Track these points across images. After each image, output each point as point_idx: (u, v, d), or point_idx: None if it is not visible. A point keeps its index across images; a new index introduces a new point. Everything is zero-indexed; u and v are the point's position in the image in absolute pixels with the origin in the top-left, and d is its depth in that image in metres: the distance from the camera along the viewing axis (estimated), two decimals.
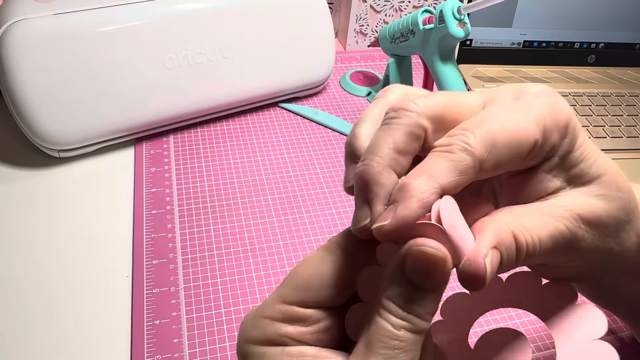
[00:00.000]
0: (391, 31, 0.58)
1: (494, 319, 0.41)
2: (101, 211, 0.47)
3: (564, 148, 0.21)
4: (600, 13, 0.70)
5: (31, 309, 0.39)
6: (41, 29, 0.46)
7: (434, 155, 0.20)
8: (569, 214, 0.21)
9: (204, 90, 0.54)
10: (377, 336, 0.18)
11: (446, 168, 0.19)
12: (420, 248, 0.18)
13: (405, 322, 0.19)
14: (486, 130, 0.20)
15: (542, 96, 0.21)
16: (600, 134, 0.62)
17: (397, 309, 0.19)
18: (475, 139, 0.20)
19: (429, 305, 0.19)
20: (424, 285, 0.19)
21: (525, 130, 0.20)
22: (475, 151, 0.19)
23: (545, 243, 0.21)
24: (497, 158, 0.20)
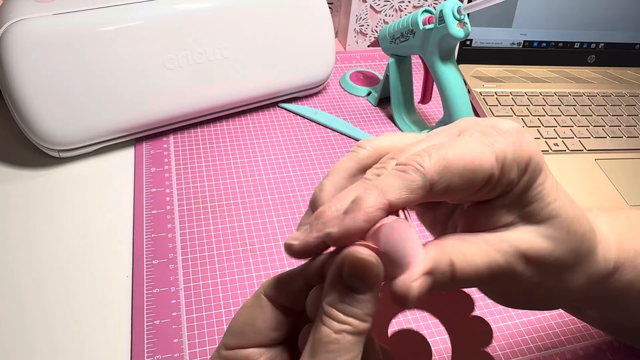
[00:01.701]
0: (391, 31, 0.58)
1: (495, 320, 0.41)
2: (101, 211, 0.47)
3: (521, 185, 0.22)
4: (600, 13, 0.70)
5: (31, 309, 0.39)
6: (41, 29, 0.46)
7: (390, 173, 0.21)
8: (512, 250, 0.22)
9: (204, 90, 0.54)
10: (319, 341, 0.20)
11: (397, 186, 0.21)
12: (354, 254, 0.20)
13: (344, 324, 0.20)
14: (443, 155, 0.21)
15: (509, 134, 0.22)
16: (600, 134, 0.62)
17: (337, 313, 0.20)
18: (430, 162, 0.21)
19: (366, 307, 0.20)
20: (359, 288, 0.20)
21: (482, 162, 0.21)
22: (427, 173, 0.21)
23: (481, 272, 0.22)
24: (449, 183, 0.21)
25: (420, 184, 0.21)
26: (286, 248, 0.22)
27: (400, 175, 0.21)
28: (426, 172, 0.21)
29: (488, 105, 0.64)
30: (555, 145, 0.59)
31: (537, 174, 0.23)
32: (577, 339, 0.41)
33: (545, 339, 0.40)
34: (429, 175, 0.21)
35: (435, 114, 0.65)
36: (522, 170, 0.22)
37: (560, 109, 0.65)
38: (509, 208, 0.23)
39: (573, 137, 0.61)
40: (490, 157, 0.21)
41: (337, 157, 0.56)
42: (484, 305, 0.42)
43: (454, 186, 0.21)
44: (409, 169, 0.21)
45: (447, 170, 0.21)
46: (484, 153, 0.21)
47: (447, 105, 0.54)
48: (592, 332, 0.41)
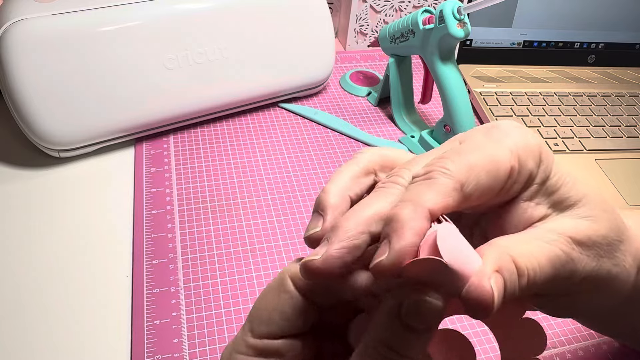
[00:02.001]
0: (391, 31, 0.58)
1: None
2: (101, 211, 0.47)
3: (541, 175, 0.22)
4: (600, 13, 0.70)
5: (31, 309, 0.39)
6: (41, 29, 0.46)
7: (413, 185, 0.20)
8: (562, 238, 0.21)
9: (204, 90, 0.54)
10: None
11: (429, 192, 0.19)
12: (419, 296, 0.18)
13: None
14: (463, 157, 0.20)
15: (513, 129, 0.22)
16: (600, 134, 0.62)
17: (391, 353, 0.18)
18: (454, 164, 0.20)
19: (421, 346, 0.19)
20: (419, 329, 0.19)
21: (500, 157, 0.21)
22: (454, 174, 0.20)
23: (544, 269, 0.21)
24: (477, 181, 0.20)
25: (452, 185, 0.20)
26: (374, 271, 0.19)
27: (428, 182, 0.20)
28: (454, 174, 0.20)
29: (488, 105, 0.64)
30: (555, 145, 0.59)
31: (552, 162, 0.22)
32: (577, 339, 0.41)
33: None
34: (457, 177, 0.20)
35: (435, 114, 0.65)
36: (537, 159, 0.22)
37: (560, 109, 0.65)
38: (537, 201, 0.22)
39: (573, 137, 0.61)
40: (505, 151, 0.21)
41: (337, 157, 0.56)
42: None
43: (482, 184, 0.20)
44: (436, 174, 0.20)
45: (472, 170, 0.20)
46: (499, 150, 0.21)
47: (447, 105, 0.54)
48: (592, 332, 0.41)
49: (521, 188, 0.22)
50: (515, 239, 0.21)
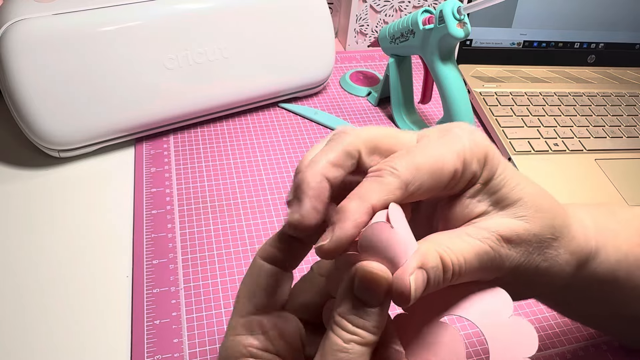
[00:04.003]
0: (391, 31, 0.58)
1: None
2: (101, 211, 0.47)
3: (484, 176, 0.24)
4: (600, 13, 0.70)
5: (31, 309, 0.39)
6: (41, 29, 0.46)
7: (366, 180, 0.23)
8: (492, 235, 0.24)
9: (204, 90, 0.54)
10: (329, 349, 0.21)
11: (376, 190, 0.22)
12: (365, 267, 0.21)
13: (354, 335, 0.21)
14: (411, 158, 0.23)
15: (463, 132, 0.24)
16: (600, 134, 0.62)
17: (346, 324, 0.21)
18: (402, 164, 0.23)
19: (375, 320, 0.21)
20: (370, 302, 0.21)
21: (446, 160, 0.23)
22: (401, 175, 0.22)
23: (471, 262, 0.23)
24: (421, 181, 0.23)
25: (397, 184, 0.22)
26: (317, 251, 0.22)
27: (377, 180, 0.22)
28: (400, 174, 0.22)
29: (488, 105, 0.64)
30: (555, 145, 0.59)
31: (496, 165, 0.24)
32: (577, 339, 0.41)
33: (545, 339, 0.40)
34: (403, 177, 0.22)
35: (435, 114, 0.65)
36: (482, 163, 0.24)
37: (560, 109, 0.65)
38: (478, 198, 0.25)
39: (573, 137, 0.61)
40: (452, 154, 0.23)
41: None
42: None
43: (426, 184, 0.23)
44: (384, 172, 0.23)
45: (418, 171, 0.23)
46: (446, 152, 0.23)
47: (447, 105, 0.54)
48: (592, 332, 0.41)
49: (464, 187, 0.24)
50: (448, 235, 0.24)
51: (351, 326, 0.21)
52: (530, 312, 0.42)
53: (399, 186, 0.22)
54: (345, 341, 0.21)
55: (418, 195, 0.23)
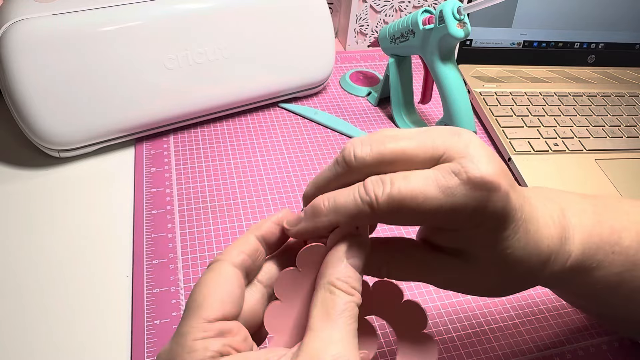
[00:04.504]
0: (391, 31, 0.58)
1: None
2: (101, 211, 0.47)
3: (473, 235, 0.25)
4: (600, 13, 0.70)
5: (31, 309, 0.39)
6: (41, 29, 0.46)
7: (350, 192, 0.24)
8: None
9: (204, 90, 0.54)
10: (336, 310, 0.23)
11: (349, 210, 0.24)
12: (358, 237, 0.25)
13: (352, 296, 0.23)
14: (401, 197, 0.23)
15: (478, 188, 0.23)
16: (600, 134, 0.62)
17: (346, 286, 0.23)
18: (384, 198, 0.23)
19: (359, 283, 0.24)
20: (359, 266, 0.24)
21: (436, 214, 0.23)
22: (377, 210, 0.23)
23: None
24: (394, 218, 0.24)
25: (368, 214, 0.24)
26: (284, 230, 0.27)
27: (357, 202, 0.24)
28: (377, 209, 0.23)
29: (488, 105, 0.64)
30: (555, 145, 0.59)
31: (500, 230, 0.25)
32: (577, 339, 0.41)
33: (545, 339, 0.40)
34: (377, 212, 0.23)
35: (435, 114, 0.65)
36: (476, 226, 0.24)
37: (560, 109, 0.65)
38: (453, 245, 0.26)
39: (573, 137, 0.61)
40: (445, 211, 0.23)
41: None
42: (484, 305, 0.42)
43: (397, 221, 0.25)
44: (366, 199, 0.23)
45: (398, 210, 0.23)
46: (441, 205, 0.23)
47: (447, 105, 0.54)
48: (592, 332, 0.41)
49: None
50: None
51: (350, 288, 0.23)
52: (530, 312, 0.42)
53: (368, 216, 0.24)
54: (346, 302, 0.23)
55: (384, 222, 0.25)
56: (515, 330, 0.41)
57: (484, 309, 0.42)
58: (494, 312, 0.42)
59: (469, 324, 0.41)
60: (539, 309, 0.43)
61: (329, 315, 0.23)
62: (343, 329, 0.22)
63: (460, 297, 0.43)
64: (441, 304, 0.42)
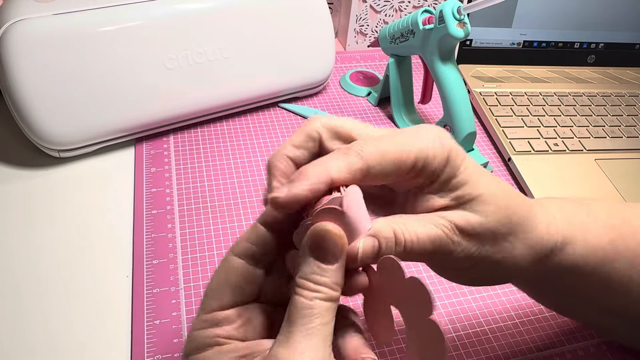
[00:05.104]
0: (391, 31, 0.58)
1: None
2: (101, 211, 0.47)
3: (445, 174, 0.26)
4: (600, 13, 0.70)
5: (31, 309, 0.39)
6: (41, 29, 0.46)
7: (334, 153, 0.25)
8: (447, 223, 0.26)
9: (204, 90, 0.54)
10: (295, 310, 0.22)
11: (339, 164, 0.24)
12: (320, 226, 0.23)
13: (316, 292, 0.23)
14: (378, 144, 0.25)
15: (431, 133, 0.26)
16: (600, 134, 0.62)
17: (308, 283, 0.23)
18: (369, 149, 0.25)
19: (334, 276, 0.23)
20: (326, 258, 0.23)
21: (409, 154, 0.25)
22: (366, 158, 0.24)
23: (423, 241, 0.25)
24: (382, 167, 0.25)
25: (360, 165, 0.24)
26: (270, 202, 0.24)
27: (343, 156, 0.24)
28: (365, 156, 0.24)
29: (488, 105, 0.64)
30: (555, 145, 0.59)
31: (459, 165, 0.26)
32: (577, 339, 0.41)
33: (545, 339, 0.40)
34: (367, 159, 0.24)
35: (435, 114, 0.65)
36: (443, 162, 0.26)
37: (560, 109, 0.65)
38: (440, 194, 0.26)
39: (573, 137, 0.61)
40: (414, 150, 0.25)
41: None
42: (484, 305, 0.42)
43: (386, 170, 0.25)
44: (351, 151, 0.24)
45: (382, 158, 0.24)
46: (410, 146, 0.25)
47: (447, 105, 0.54)
48: (592, 332, 0.41)
49: (425, 182, 0.26)
50: (408, 216, 0.26)
51: (312, 284, 0.23)
52: (530, 312, 0.42)
53: (361, 167, 0.24)
54: (309, 299, 0.23)
55: (378, 179, 0.25)
56: (515, 330, 0.41)
57: (484, 309, 0.42)
58: (494, 312, 0.42)
59: (469, 324, 0.41)
60: (539, 309, 0.43)
61: (289, 317, 0.23)
62: (301, 330, 0.22)
63: (460, 297, 0.43)
64: (441, 304, 0.42)
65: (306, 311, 0.22)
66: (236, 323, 0.25)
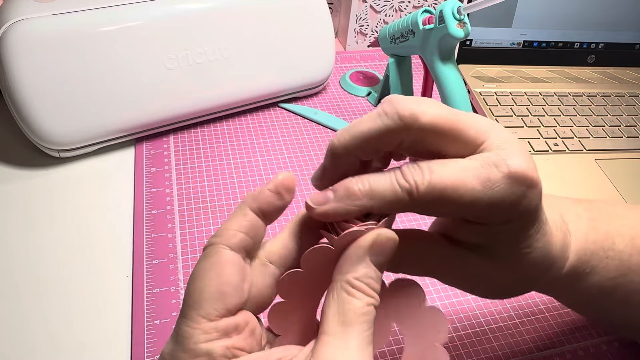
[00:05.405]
0: (391, 31, 0.58)
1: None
2: (101, 211, 0.47)
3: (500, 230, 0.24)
4: (600, 13, 0.70)
5: (31, 309, 0.39)
6: (41, 29, 0.46)
7: (387, 177, 0.22)
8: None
9: (204, 90, 0.54)
10: (354, 314, 0.21)
11: (386, 196, 0.22)
12: (388, 233, 0.22)
13: (372, 299, 0.22)
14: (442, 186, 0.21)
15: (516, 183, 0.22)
16: (600, 134, 0.62)
17: (365, 287, 0.21)
18: (425, 186, 0.22)
19: (380, 284, 0.22)
20: (382, 267, 0.22)
21: (474, 205, 0.22)
22: (416, 198, 0.22)
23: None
24: (429, 209, 0.23)
25: (407, 203, 0.22)
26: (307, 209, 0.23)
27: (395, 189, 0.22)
28: (417, 198, 0.22)
29: (488, 105, 0.64)
30: (555, 145, 0.59)
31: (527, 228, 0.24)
32: (577, 339, 0.41)
33: (545, 339, 0.40)
34: (417, 200, 0.22)
35: None
36: (508, 221, 0.23)
37: (560, 109, 0.65)
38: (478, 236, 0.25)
39: (573, 137, 0.61)
40: (482, 204, 0.22)
41: None
42: (484, 305, 0.42)
43: (432, 210, 0.23)
44: (405, 186, 0.22)
45: (438, 200, 0.22)
46: (480, 198, 0.22)
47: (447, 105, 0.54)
48: (592, 332, 0.41)
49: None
50: None
51: (369, 289, 0.21)
52: (530, 312, 0.42)
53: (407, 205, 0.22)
54: (367, 304, 0.21)
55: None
56: (515, 330, 0.41)
57: (484, 309, 0.42)
58: (494, 312, 0.42)
59: (469, 324, 0.41)
60: (539, 309, 0.43)
61: (345, 320, 0.21)
62: (360, 336, 0.21)
63: (460, 297, 0.43)
64: (441, 304, 0.42)
65: (365, 317, 0.21)
66: (245, 332, 0.22)
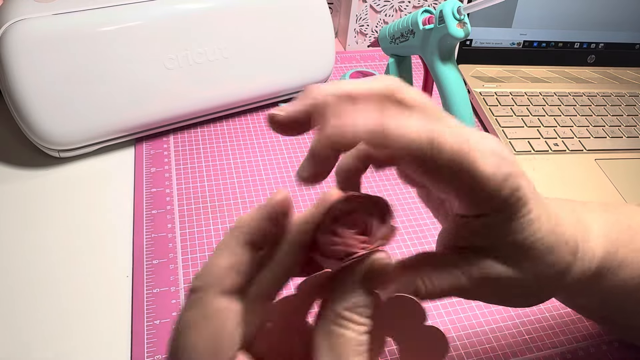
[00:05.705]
0: (391, 31, 0.58)
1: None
2: (101, 211, 0.47)
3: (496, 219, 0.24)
4: (600, 13, 0.70)
5: (31, 309, 0.39)
6: (41, 29, 0.46)
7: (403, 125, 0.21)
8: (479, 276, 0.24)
9: (204, 90, 0.54)
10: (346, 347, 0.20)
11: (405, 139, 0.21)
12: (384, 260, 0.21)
13: (363, 326, 0.21)
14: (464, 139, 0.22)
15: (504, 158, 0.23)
16: (600, 134, 0.62)
17: (356, 317, 0.21)
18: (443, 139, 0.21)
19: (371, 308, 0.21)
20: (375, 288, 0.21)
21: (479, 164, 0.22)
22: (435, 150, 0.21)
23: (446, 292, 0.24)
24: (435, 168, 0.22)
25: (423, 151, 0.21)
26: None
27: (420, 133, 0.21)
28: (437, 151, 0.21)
29: (488, 105, 0.64)
30: (555, 145, 0.59)
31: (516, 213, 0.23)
32: (577, 339, 0.41)
33: (545, 339, 0.40)
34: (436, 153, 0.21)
35: None
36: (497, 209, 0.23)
37: (560, 109, 0.65)
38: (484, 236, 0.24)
39: (573, 137, 0.61)
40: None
41: None
42: (484, 305, 0.42)
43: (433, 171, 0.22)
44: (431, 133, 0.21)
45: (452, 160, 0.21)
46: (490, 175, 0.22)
47: (447, 106, 0.54)
48: (592, 332, 0.41)
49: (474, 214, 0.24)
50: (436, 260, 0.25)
51: (360, 318, 0.21)
52: (530, 312, 0.42)
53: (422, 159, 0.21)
54: (360, 333, 0.21)
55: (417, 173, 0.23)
56: (515, 330, 0.41)
57: (484, 309, 0.42)
58: (494, 312, 0.42)
59: (469, 324, 0.41)
60: (539, 309, 0.43)
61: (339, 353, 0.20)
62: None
63: None
64: (441, 304, 0.42)
65: (359, 348, 0.20)
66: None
